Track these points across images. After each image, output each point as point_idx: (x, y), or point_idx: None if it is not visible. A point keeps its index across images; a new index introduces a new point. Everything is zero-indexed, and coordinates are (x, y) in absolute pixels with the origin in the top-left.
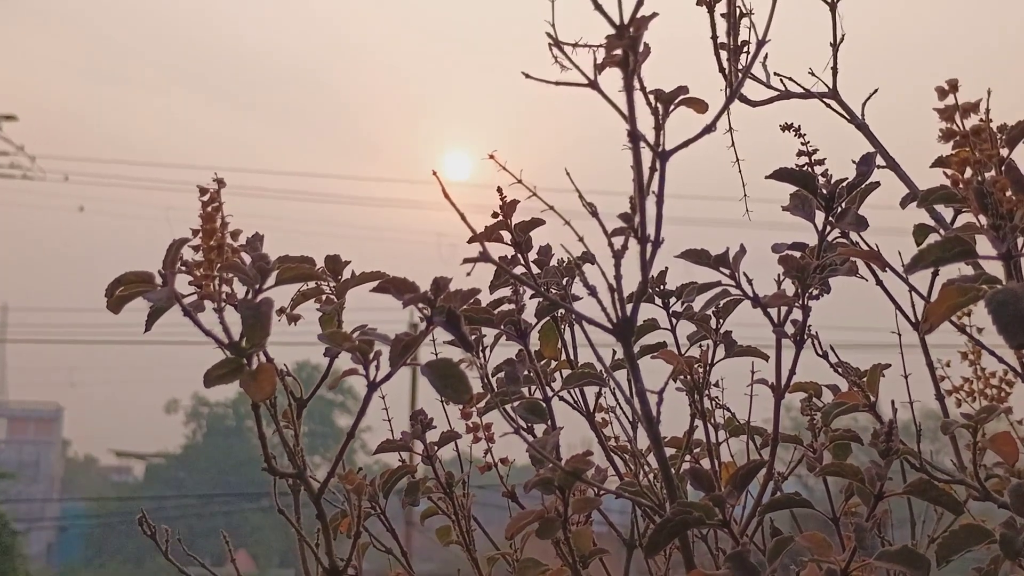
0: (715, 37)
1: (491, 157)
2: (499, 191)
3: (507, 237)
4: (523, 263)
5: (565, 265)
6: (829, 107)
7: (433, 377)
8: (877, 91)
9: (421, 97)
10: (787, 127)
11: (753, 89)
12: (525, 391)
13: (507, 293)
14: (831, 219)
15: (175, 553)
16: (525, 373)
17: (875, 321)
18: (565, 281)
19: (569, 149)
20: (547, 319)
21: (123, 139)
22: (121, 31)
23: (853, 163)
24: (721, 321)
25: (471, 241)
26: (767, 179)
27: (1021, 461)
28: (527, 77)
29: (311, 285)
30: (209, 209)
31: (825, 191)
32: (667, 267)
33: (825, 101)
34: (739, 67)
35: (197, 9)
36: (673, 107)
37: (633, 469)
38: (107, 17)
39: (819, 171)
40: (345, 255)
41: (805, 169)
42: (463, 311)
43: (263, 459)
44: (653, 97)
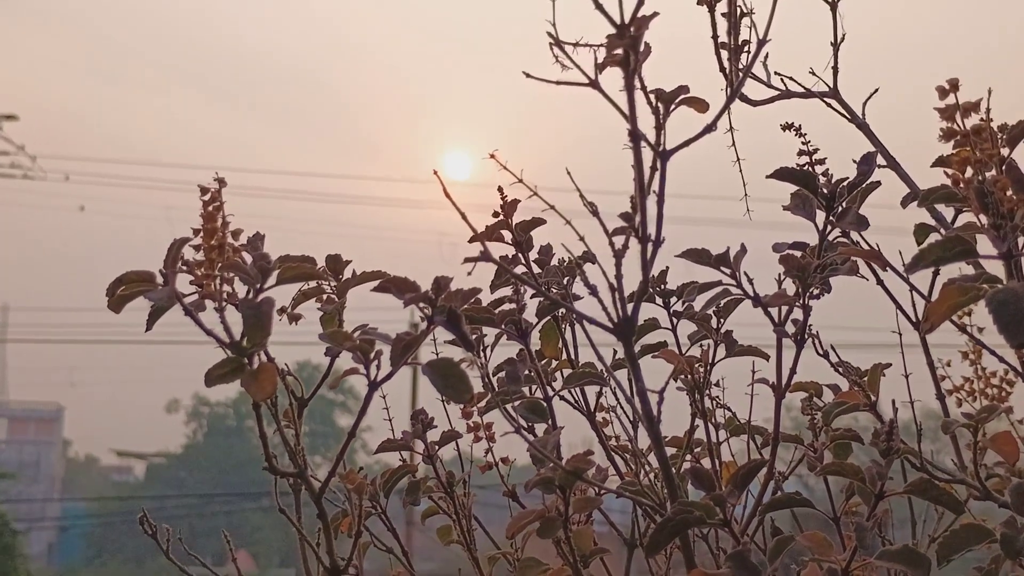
0: (716, 36)
1: (492, 156)
2: (500, 190)
3: (508, 236)
4: (524, 262)
5: (566, 264)
6: (830, 106)
7: (434, 376)
8: (878, 90)
9: (421, 97)
10: (788, 126)
11: (754, 88)
12: (526, 391)
13: (508, 292)
14: (832, 218)
15: (176, 553)
16: (526, 372)
17: (876, 321)
18: (566, 280)
19: (570, 148)
20: (548, 318)
21: (123, 139)
22: (121, 31)
23: (854, 162)
24: (722, 321)
25: (472, 240)
26: (768, 178)
27: (1022, 460)
28: (528, 76)
29: (312, 284)
30: (210, 208)
31: (826, 190)
32: (668, 267)
33: (826, 100)
34: (740, 66)
35: (197, 9)
36: (674, 106)
37: (634, 468)
38: (107, 17)
39: (820, 170)
40: (346, 254)
41: (806, 168)
42: (464, 310)
43: (264, 459)
44: (654, 96)
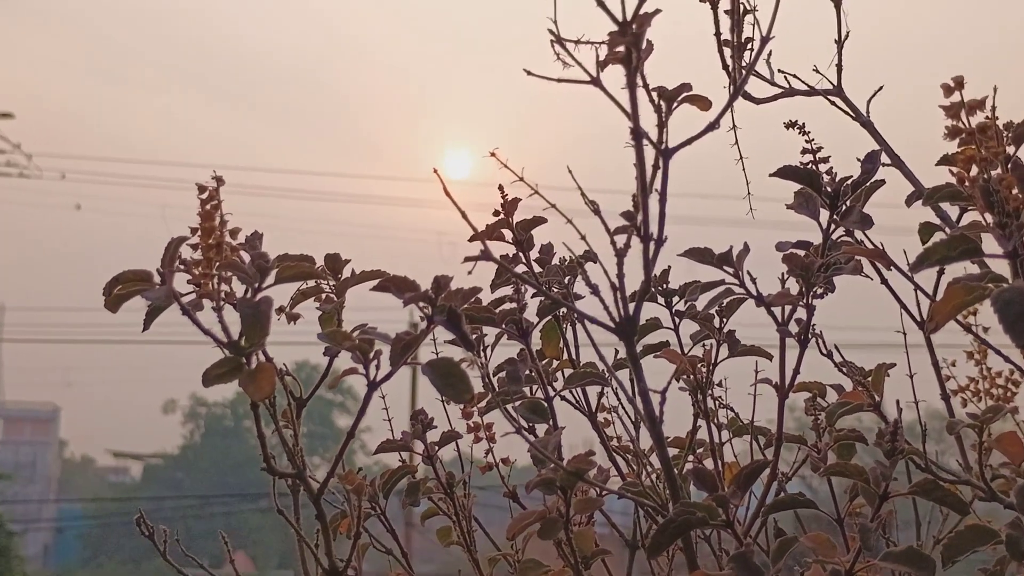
0: (719, 34)
1: (492, 155)
2: (500, 189)
3: (508, 235)
4: (525, 262)
5: (567, 264)
6: (834, 104)
7: (434, 376)
8: (882, 88)
9: (421, 97)
10: (791, 125)
11: (757, 86)
12: (527, 391)
13: (508, 292)
14: (836, 217)
15: (173, 554)
16: (527, 372)
17: (880, 320)
18: (567, 280)
19: (571, 147)
20: (549, 318)
21: (123, 139)
22: (121, 31)
23: (858, 161)
24: (724, 320)
25: (472, 239)
26: (771, 177)
27: None
28: (529, 74)
29: (311, 284)
30: (208, 207)
31: (830, 189)
32: (670, 266)
33: (830, 98)
34: (743, 64)
35: (197, 9)
36: (676, 104)
37: (636, 469)
38: (107, 17)
39: (823, 169)
40: (345, 253)
41: (809, 167)
42: (464, 310)
43: (262, 459)
44: (656, 94)
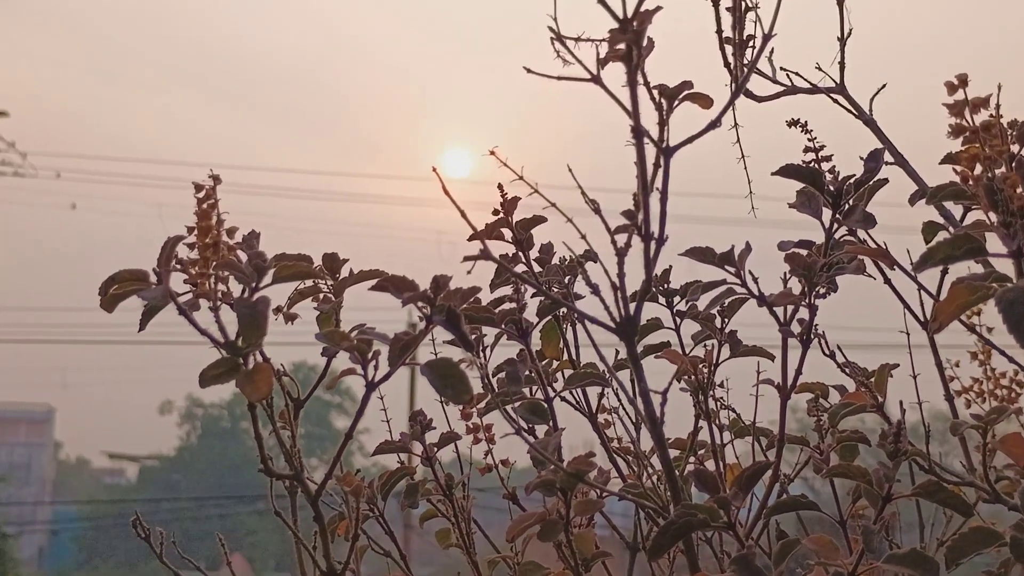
0: (720, 31)
1: (492, 154)
2: (500, 188)
3: (508, 235)
4: (524, 261)
5: (567, 263)
6: (836, 102)
7: (433, 377)
8: (885, 86)
9: (421, 96)
10: (793, 123)
11: (759, 84)
12: (526, 391)
13: (508, 292)
14: (838, 216)
15: (170, 556)
16: (526, 373)
17: (883, 320)
18: (567, 279)
19: (571, 145)
20: (549, 318)
21: (122, 138)
22: (121, 31)
23: (861, 159)
24: (726, 320)
25: (471, 239)
26: (773, 176)
27: None
28: (529, 72)
29: (308, 283)
30: (205, 206)
31: (832, 188)
32: (671, 265)
33: (832, 96)
34: (744, 62)
35: (197, 9)
36: (677, 102)
37: (636, 471)
38: (107, 17)
39: (826, 168)
40: (343, 253)
41: (812, 166)
42: (463, 310)
43: (259, 461)
44: (657, 92)
